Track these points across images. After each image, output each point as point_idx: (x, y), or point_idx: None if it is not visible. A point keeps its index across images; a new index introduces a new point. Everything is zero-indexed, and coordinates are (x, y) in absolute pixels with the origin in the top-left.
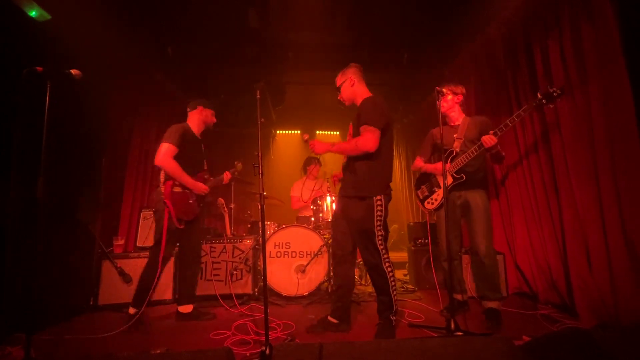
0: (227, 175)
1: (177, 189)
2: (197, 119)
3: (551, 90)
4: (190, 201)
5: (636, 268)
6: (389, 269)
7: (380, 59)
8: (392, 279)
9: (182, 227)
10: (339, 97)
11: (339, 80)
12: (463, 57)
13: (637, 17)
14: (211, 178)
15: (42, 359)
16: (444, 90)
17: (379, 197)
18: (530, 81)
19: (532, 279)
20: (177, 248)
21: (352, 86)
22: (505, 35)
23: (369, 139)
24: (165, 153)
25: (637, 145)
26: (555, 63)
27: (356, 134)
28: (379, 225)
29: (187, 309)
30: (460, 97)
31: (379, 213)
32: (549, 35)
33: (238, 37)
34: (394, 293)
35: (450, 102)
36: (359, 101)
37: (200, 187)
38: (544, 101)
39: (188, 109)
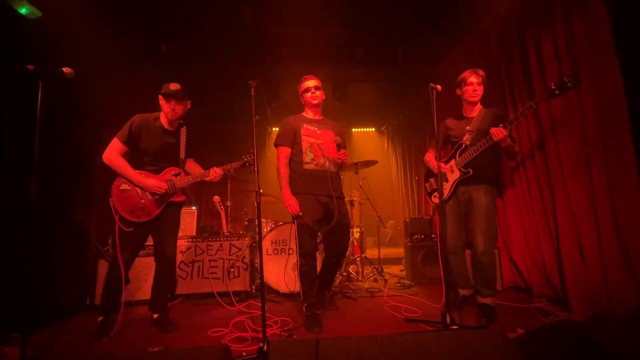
0: (215, 172)
1: (125, 186)
2: (163, 110)
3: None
4: (142, 200)
5: (627, 261)
6: None
7: (374, 55)
8: None
9: (130, 229)
10: (319, 95)
11: (318, 82)
12: (457, 52)
13: (629, 12)
14: (182, 173)
15: (39, 359)
16: (478, 77)
17: None
18: (524, 76)
19: (527, 272)
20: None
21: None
22: (499, 31)
23: None
24: (108, 148)
25: (628, 140)
26: (548, 58)
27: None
28: None
29: (154, 315)
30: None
31: None
32: (542, 31)
33: (232, 33)
34: None
35: (480, 91)
36: (320, 110)
37: (147, 183)
38: (557, 92)
39: None
